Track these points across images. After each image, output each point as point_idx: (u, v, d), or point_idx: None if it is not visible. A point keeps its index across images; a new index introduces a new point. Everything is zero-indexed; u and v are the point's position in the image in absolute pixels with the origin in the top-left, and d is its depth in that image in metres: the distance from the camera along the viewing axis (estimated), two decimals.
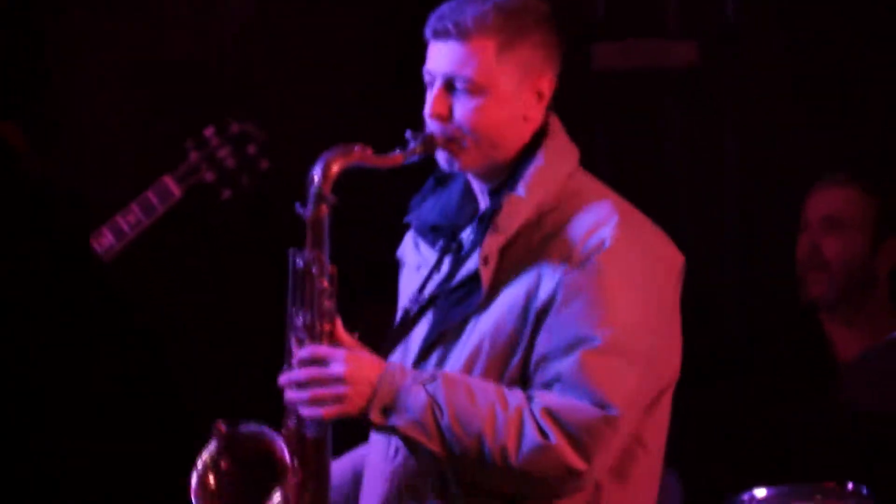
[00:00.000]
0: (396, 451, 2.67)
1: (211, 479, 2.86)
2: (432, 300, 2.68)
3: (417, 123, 2.71)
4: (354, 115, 4.76)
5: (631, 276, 2.56)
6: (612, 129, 5.01)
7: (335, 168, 2.60)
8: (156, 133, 4.05)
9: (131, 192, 4.03)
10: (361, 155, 2.64)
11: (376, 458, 2.73)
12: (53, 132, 4.62)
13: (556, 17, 3.06)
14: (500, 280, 2.61)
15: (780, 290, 4.47)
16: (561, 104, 3.09)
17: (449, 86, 2.61)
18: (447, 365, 2.65)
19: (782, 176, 4.73)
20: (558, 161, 2.69)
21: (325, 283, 2.71)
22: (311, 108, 4.78)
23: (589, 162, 3.08)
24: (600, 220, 2.59)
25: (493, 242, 2.58)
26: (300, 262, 2.72)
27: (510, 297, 2.58)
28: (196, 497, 2.84)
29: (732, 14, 4.92)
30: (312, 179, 2.66)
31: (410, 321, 2.72)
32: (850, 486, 3.73)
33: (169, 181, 4.10)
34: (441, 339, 2.63)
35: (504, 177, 2.66)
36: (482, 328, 2.58)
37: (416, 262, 2.78)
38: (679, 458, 4.44)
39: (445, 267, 2.72)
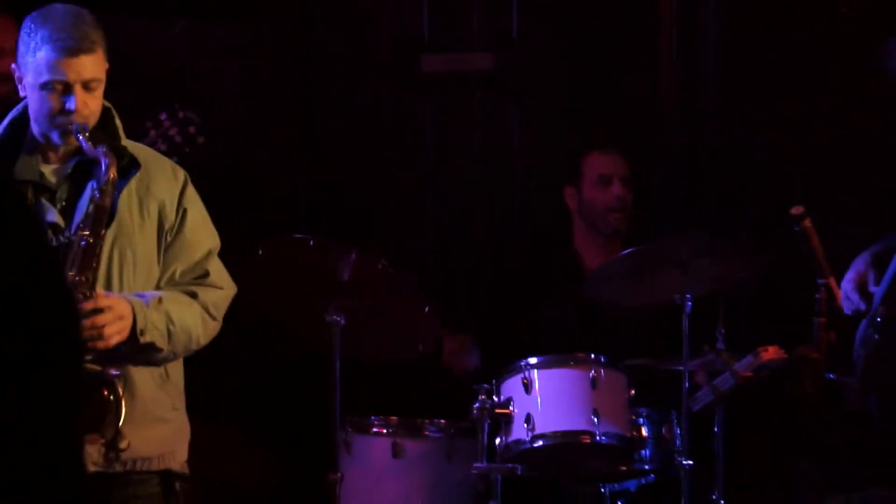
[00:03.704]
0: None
1: None
2: None
3: None
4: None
5: None
6: (435, 117, 6.06)
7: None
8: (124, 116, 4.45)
9: None
10: None
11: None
12: None
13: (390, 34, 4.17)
14: None
15: (553, 228, 5.63)
16: (399, 99, 4.27)
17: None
18: None
19: (555, 150, 5.86)
20: None
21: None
22: (230, 101, 5.66)
23: (418, 141, 4.24)
24: None
25: None
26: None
27: None
28: None
29: (516, 32, 5.98)
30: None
31: None
32: (592, 355, 4.85)
33: None
34: None
35: None
36: None
37: None
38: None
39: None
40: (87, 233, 3.67)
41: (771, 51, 5.79)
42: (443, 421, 4.96)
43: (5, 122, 3.87)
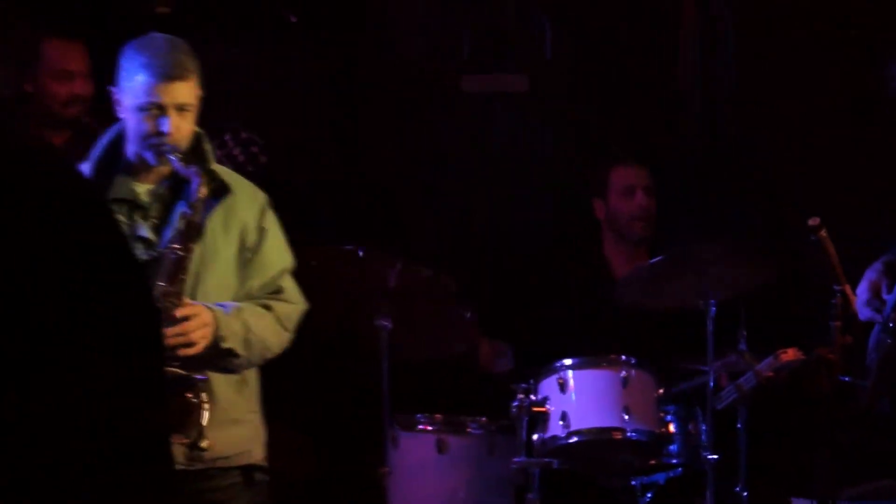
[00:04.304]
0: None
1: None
2: None
3: None
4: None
5: None
6: (474, 135, 6.14)
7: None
8: None
9: None
10: None
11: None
12: None
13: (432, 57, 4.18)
14: None
15: (583, 238, 5.69)
16: (440, 117, 4.27)
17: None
18: None
19: (584, 164, 5.90)
20: None
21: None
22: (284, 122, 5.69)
23: (459, 157, 4.25)
24: None
25: None
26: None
27: None
28: None
29: (550, 52, 6.03)
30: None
31: None
32: (623, 357, 4.87)
33: None
34: None
35: None
36: None
37: None
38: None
39: None
40: (178, 247, 3.75)
41: (789, 63, 5.78)
42: (484, 418, 4.97)
43: (103, 142, 3.97)
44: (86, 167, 3.94)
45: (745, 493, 4.76)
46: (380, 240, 5.39)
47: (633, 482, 5.00)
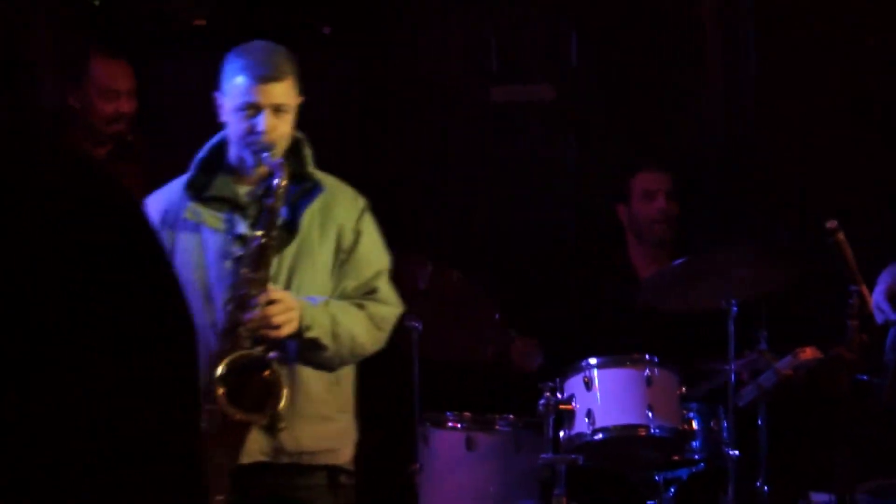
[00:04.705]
0: None
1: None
2: None
3: None
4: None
5: None
6: (503, 143, 6.19)
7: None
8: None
9: None
10: None
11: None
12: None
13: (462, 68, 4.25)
14: None
15: (608, 242, 5.73)
16: (470, 126, 4.31)
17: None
18: None
19: (609, 170, 5.94)
20: None
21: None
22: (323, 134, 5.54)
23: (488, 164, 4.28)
24: None
25: None
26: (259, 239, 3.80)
27: None
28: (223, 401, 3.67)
29: (576, 62, 6.11)
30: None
31: None
32: (647, 356, 4.91)
33: None
34: None
35: None
36: None
37: None
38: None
39: None
40: (260, 233, 3.84)
41: (809, 69, 5.82)
42: (511, 416, 5.04)
43: (208, 145, 4.08)
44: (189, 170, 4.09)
45: (766, 489, 4.81)
46: (412, 243, 5.45)
47: (657, 477, 5.05)
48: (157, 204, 4.08)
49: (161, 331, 1.70)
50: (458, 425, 5.04)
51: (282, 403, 3.78)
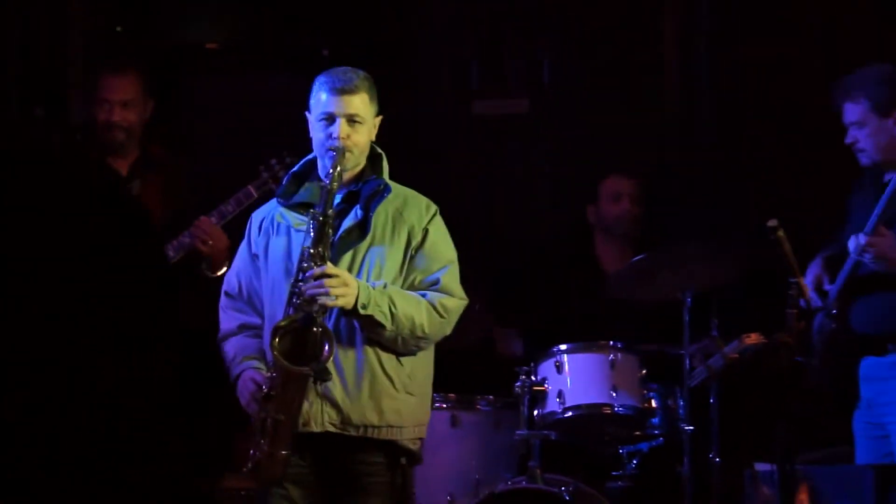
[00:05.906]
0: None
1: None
2: None
3: None
4: None
5: None
6: (483, 151, 6.45)
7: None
8: (240, 163, 4.95)
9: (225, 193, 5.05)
10: None
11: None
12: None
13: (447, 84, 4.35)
14: None
15: (578, 239, 5.94)
16: (453, 135, 4.54)
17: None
18: None
19: (577, 174, 6.24)
20: None
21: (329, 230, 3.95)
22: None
23: (469, 170, 4.52)
24: None
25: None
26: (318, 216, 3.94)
27: None
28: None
29: (547, 79, 6.33)
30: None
31: None
32: (611, 342, 5.15)
33: (251, 187, 5.14)
34: None
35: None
36: None
37: None
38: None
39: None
40: (318, 212, 4.02)
41: (753, 90, 6.08)
42: (491, 397, 5.26)
43: (302, 161, 4.31)
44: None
45: (718, 460, 5.02)
46: None
47: (621, 450, 5.26)
48: (259, 215, 4.33)
49: (161, 331, 1.70)
50: (444, 405, 5.22)
51: (331, 355, 3.92)
